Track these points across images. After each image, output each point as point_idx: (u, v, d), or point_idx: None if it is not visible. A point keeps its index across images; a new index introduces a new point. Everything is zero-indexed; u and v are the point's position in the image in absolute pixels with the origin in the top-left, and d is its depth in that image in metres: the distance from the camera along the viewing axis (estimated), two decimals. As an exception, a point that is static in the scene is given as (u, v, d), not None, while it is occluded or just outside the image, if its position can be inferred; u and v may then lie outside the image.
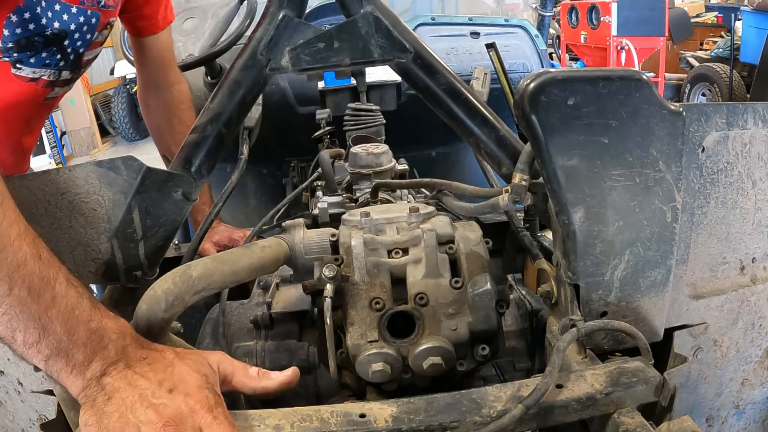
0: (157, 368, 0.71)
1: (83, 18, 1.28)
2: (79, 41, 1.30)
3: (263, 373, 0.80)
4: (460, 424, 0.73)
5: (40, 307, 0.66)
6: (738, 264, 0.98)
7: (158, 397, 0.68)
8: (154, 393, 0.68)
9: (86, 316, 0.69)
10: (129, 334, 0.73)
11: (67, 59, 1.31)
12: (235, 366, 0.79)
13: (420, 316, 0.91)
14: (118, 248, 0.89)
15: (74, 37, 1.28)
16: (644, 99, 0.83)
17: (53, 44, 1.24)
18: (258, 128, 1.29)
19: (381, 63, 1.00)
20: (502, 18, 2.95)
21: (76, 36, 1.28)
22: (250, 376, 0.79)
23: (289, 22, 0.95)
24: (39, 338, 0.66)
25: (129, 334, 0.73)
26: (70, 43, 1.27)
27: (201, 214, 1.64)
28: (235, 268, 0.90)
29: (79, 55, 1.33)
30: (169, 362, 0.72)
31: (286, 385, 0.80)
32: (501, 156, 1.03)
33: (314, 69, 0.98)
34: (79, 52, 1.32)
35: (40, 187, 0.85)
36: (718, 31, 8.14)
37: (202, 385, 0.71)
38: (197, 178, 0.99)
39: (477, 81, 1.31)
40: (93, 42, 1.35)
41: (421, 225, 0.98)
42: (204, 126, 1.00)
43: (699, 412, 1.01)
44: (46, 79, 1.29)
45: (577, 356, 0.88)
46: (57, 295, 0.68)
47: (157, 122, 1.74)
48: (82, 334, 0.68)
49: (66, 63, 1.31)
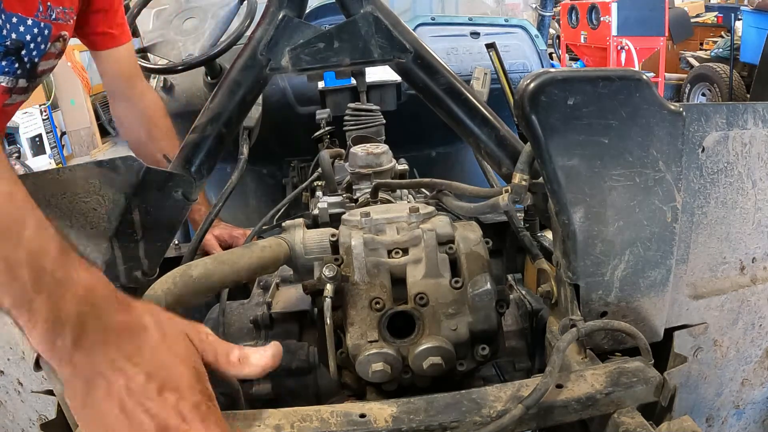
0: (143, 349, 0.65)
1: (37, 30, 1.36)
2: (35, 51, 1.39)
3: (244, 357, 0.73)
4: (460, 424, 0.73)
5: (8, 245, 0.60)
6: (738, 264, 0.98)
7: (148, 397, 0.62)
8: (145, 390, 0.63)
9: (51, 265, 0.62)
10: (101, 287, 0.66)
11: (24, 68, 1.39)
12: (218, 351, 0.72)
13: (420, 316, 0.91)
14: (118, 248, 0.89)
15: (30, 47, 1.37)
16: (644, 99, 0.83)
17: (12, 54, 1.33)
18: (258, 128, 1.29)
19: (381, 63, 1.00)
20: (502, 18, 2.95)
21: (32, 46, 1.37)
22: (232, 363, 0.72)
23: (289, 22, 0.95)
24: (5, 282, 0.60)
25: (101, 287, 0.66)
26: (26, 53, 1.37)
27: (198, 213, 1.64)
28: (235, 268, 0.91)
29: (35, 64, 1.42)
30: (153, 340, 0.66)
31: (270, 368, 0.74)
32: (501, 156, 1.03)
33: (314, 69, 0.98)
34: (34, 61, 1.41)
35: (40, 187, 0.85)
36: (718, 31, 8.13)
37: (193, 384, 0.65)
38: (197, 178, 0.99)
39: (477, 81, 1.32)
40: (47, 53, 1.44)
41: (421, 225, 0.98)
42: (204, 126, 0.99)
43: (699, 412, 1.01)
44: (4, 86, 1.37)
45: (577, 356, 0.88)
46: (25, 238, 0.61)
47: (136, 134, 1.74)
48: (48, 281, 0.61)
49: (23, 71, 1.40)
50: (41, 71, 1.48)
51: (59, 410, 0.85)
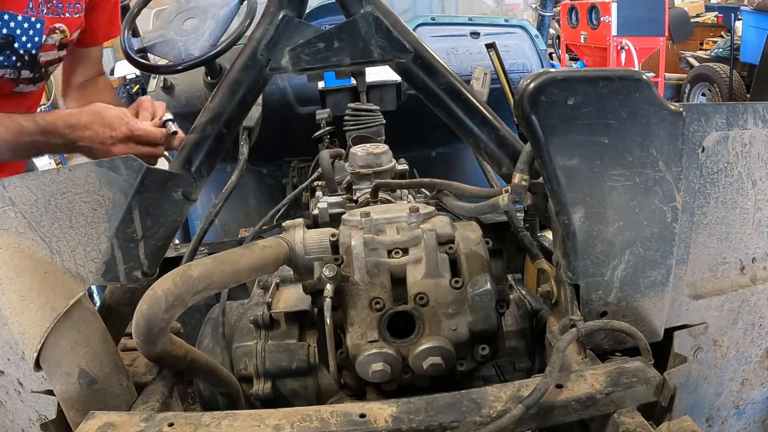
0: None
1: (27, 24, 1.47)
2: (29, 43, 1.49)
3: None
4: (460, 424, 0.73)
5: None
6: (738, 264, 0.98)
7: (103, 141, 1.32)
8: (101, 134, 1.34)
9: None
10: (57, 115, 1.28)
11: (23, 60, 1.50)
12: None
13: (420, 316, 0.91)
14: (118, 248, 0.89)
15: (23, 41, 1.47)
16: (644, 99, 0.83)
17: (6, 48, 1.45)
18: (258, 128, 1.29)
19: (381, 63, 1.00)
20: (502, 18, 2.95)
21: (24, 39, 1.47)
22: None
23: (289, 22, 0.95)
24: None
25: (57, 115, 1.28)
26: (20, 46, 1.47)
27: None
28: (235, 268, 0.90)
29: (34, 56, 1.52)
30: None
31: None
32: (501, 156, 1.03)
33: (314, 69, 0.98)
34: (32, 53, 1.51)
35: (40, 187, 0.85)
36: (718, 31, 8.14)
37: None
38: (197, 178, 0.99)
39: (477, 81, 1.32)
40: (43, 44, 1.53)
41: (421, 225, 0.98)
42: (204, 126, 1.00)
43: (699, 412, 1.01)
44: (8, 77, 1.50)
45: (577, 356, 0.88)
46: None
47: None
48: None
49: (23, 63, 1.50)
50: (45, 62, 1.57)
51: (59, 410, 0.85)
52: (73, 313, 0.82)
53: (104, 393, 0.83)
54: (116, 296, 0.99)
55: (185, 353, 0.89)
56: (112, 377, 0.84)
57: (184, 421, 0.73)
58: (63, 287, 0.84)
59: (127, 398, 0.85)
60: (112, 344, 0.87)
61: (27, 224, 0.85)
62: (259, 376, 1.02)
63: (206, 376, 0.95)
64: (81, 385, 0.81)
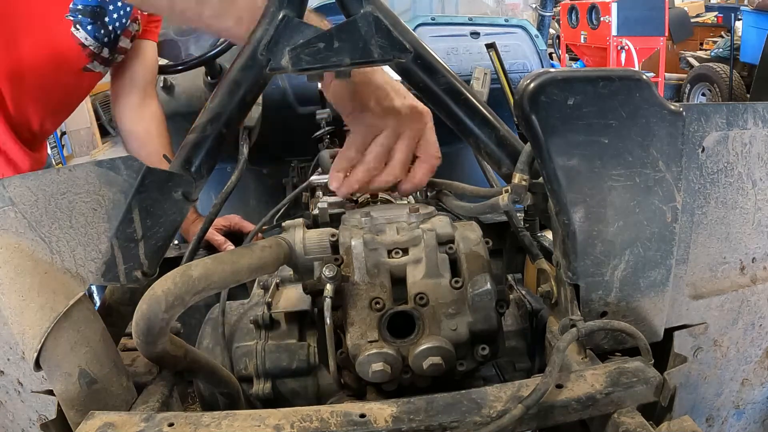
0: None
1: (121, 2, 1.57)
2: (117, 22, 1.58)
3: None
4: (460, 424, 0.73)
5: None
6: (738, 264, 0.98)
7: None
8: None
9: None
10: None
11: (108, 37, 1.58)
12: None
13: (420, 316, 0.91)
14: (118, 248, 0.89)
15: (113, 17, 1.55)
16: (644, 99, 0.83)
17: (98, 18, 1.53)
18: (258, 128, 1.29)
19: (381, 63, 1.00)
20: (502, 18, 2.95)
21: (115, 16, 1.56)
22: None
23: (289, 22, 0.95)
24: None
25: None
26: (110, 21, 1.56)
27: (192, 224, 1.75)
28: (235, 268, 0.90)
29: (116, 36, 1.61)
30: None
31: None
32: (501, 156, 1.03)
33: (314, 69, 0.98)
34: (117, 33, 1.60)
35: (40, 187, 0.85)
36: (718, 31, 8.14)
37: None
38: (197, 178, 0.99)
39: (477, 81, 1.32)
40: (126, 29, 1.62)
41: (421, 225, 0.98)
42: (204, 126, 0.99)
43: (699, 412, 1.01)
44: (91, 50, 1.56)
45: (577, 356, 0.88)
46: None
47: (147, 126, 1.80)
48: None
49: (108, 40, 1.59)
50: (120, 48, 1.66)
51: (59, 410, 0.85)
52: (73, 313, 0.82)
53: (104, 393, 0.83)
54: (116, 296, 0.99)
55: (185, 353, 0.89)
56: (112, 377, 0.84)
57: (184, 421, 0.73)
58: (63, 287, 0.84)
59: (127, 398, 0.85)
60: (112, 344, 0.87)
61: (27, 224, 0.85)
62: (259, 376, 1.02)
63: (206, 376, 0.95)
64: (81, 385, 0.81)
